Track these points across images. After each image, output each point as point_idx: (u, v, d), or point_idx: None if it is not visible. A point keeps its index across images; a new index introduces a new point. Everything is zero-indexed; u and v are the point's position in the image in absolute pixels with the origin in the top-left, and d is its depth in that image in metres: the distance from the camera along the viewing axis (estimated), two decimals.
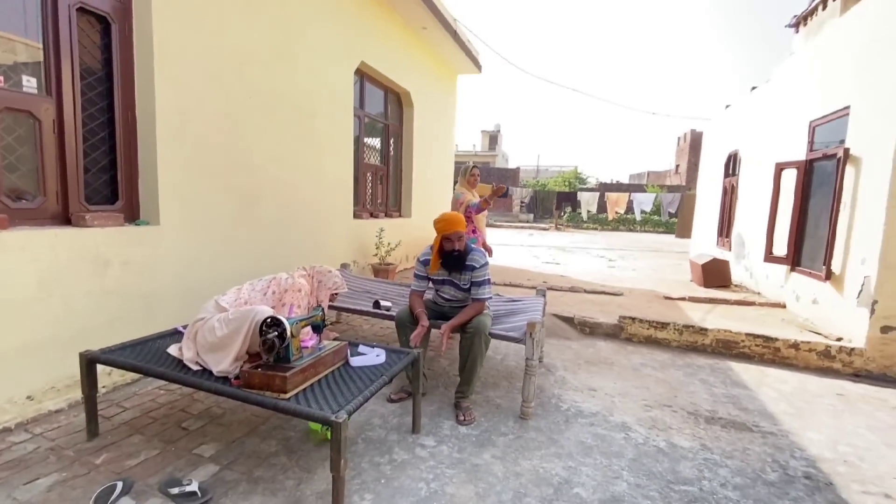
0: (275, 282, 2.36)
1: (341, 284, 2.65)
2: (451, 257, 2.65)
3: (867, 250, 3.67)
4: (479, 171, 4.25)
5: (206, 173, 3.22)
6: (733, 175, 7.38)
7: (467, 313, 2.59)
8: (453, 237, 2.62)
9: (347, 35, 4.89)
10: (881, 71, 3.69)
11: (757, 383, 3.32)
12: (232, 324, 2.02)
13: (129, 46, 2.81)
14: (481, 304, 2.65)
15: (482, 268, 2.66)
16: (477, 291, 2.65)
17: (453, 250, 2.63)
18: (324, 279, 2.62)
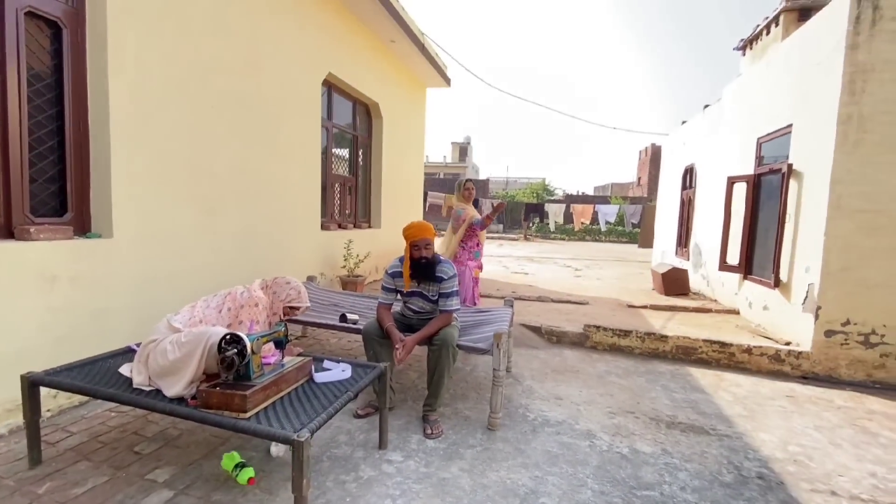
0: (230, 297, 2.25)
1: (298, 297, 2.45)
2: (420, 265, 2.65)
3: (810, 259, 3.91)
4: (472, 185, 4.31)
5: (164, 184, 3.11)
6: (690, 188, 7.73)
7: (434, 325, 2.59)
8: (421, 244, 2.62)
9: (315, 46, 4.86)
10: (817, 92, 3.98)
11: (714, 388, 3.46)
12: (185, 347, 1.91)
13: (81, 52, 2.70)
14: (448, 315, 2.65)
15: (450, 279, 2.66)
16: (444, 303, 2.65)
17: (421, 257, 2.63)
18: (279, 290, 2.44)
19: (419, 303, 2.77)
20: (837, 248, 3.70)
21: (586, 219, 14.51)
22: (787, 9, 5.55)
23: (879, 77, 3.56)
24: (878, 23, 3.55)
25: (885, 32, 3.53)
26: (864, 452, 2.57)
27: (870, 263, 3.65)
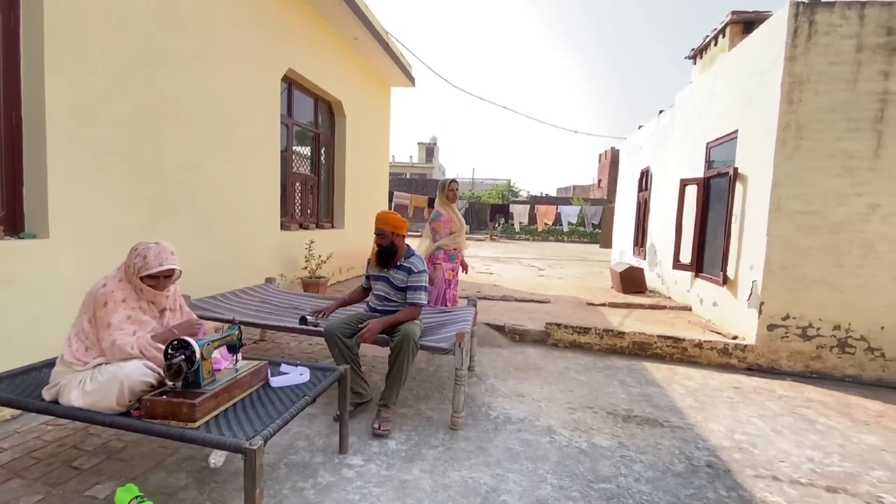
0: (88, 300, 1.85)
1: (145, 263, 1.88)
2: (380, 251, 2.78)
3: (754, 257, 4.15)
4: (457, 186, 4.15)
5: (108, 182, 2.93)
6: (646, 190, 8.04)
7: (400, 316, 2.68)
8: (376, 232, 2.76)
9: (273, 40, 4.72)
10: (759, 101, 4.22)
11: (667, 381, 3.60)
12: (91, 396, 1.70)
13: (14, 40, 2.51)
14: (416, 308, 2.74)
15: (420, 273, 2.76)
16: (413, 296, 2.74)
17: (380, 245, 2.77)
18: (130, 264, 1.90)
19: (384, 288, 2.84)
20: (778, 247, 3.94)
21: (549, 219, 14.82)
22: (732, 21, 5.87)
23: (814, 87, 3.81)
24: (814, 37, 3.80)
25: (820, 46, 3.80)
26: (802, 438, 2.74)
27: (807, 261, 3.91)
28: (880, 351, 3.85)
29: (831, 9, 3.78)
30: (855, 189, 3.82)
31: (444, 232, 3.94)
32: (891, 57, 3.72)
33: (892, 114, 3.74)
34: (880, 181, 3.78)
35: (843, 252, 3.86)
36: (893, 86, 3.72)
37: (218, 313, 3.03)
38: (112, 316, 1.79)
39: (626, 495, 2.05)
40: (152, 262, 1.91)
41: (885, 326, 3.83)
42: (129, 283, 1.91)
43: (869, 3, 3.75)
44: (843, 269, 3.86)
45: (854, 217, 3.83)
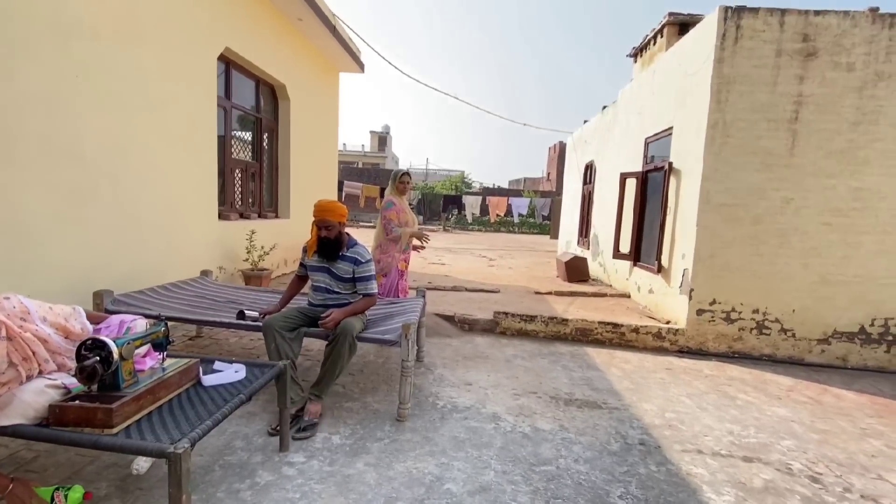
0: None
1: None
2: (321, 244, 2.70)
3: (686, 247, 4.42)
4: (409, 179, 4.04)
5: (12, 166, 2.62)
6: (590, 183, 8.34)
7: (359, 306, 2.69)
8: (321, 224, 2.66)
9: (208, 16, 4.41)
10: (692, 99, 4.48)
11: (607, 365, 3.78)
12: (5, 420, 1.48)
13: None
14: (372, 299, 2.76)
15: (367, 263, 2.74)
16: (365, 287, 2.74)
17: (326, 237, 2.67)
18: None
19: (326, 279, 2.76)
20: (706, 238, 4.23)
21: (501, 211, 15.07)
22: (669, 22, 6.18)
23: (739, 89, 4.09)
24: (740, 40, 4.07)
25: (745, 49, 4.07)
26: (724, 414, 2.97)
27: (731, 250, 4.22)
28: (792, 332, 4.24)
29: (755, 14, 4.06)
30: (773, 184, 4.15)
31: (396, 222, 3.87)
32: (805, 62, 4.05)
33: (806, 115, 4.08)
34: (794, 177, 4.13)
35: (761, 242, 4.20)
36: (807, 89, 4.06)
37: (146, 309, 2.82)
38: None
39: (565, 476, 2.13)
40: None
41: (796, 309, 4.22)
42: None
43: (788, 10, 4.05)
44: (761, 258, 4.20)
45: (771, 210, 4.17)
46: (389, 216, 3.84)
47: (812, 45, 4.03)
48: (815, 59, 4.04)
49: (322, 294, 2.78)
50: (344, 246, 2.72)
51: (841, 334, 4.20)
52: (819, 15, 4.02)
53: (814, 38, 4.03)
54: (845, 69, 4.02)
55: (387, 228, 3.83)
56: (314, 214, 2.67)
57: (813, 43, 4.03)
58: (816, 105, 4.07)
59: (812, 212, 4.14)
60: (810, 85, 4.06)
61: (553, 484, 2.06)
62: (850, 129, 4.06)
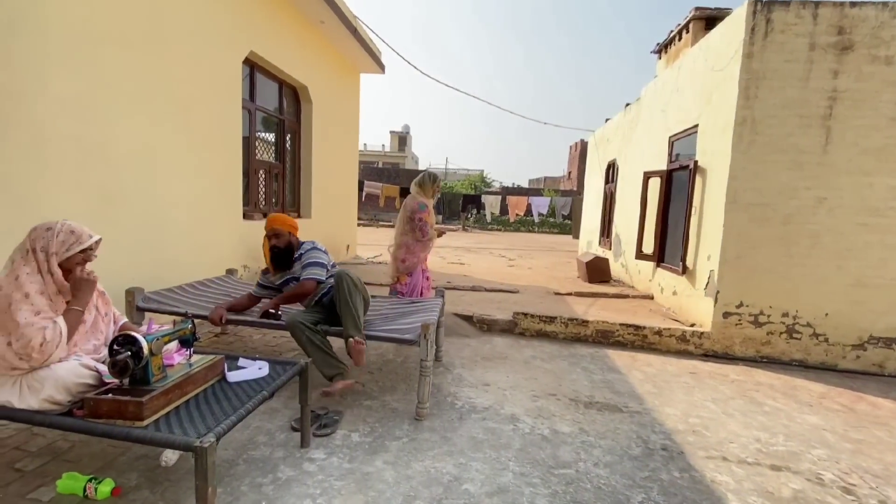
0: None
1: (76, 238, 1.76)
2: (273, 254, 2.85)
3: (712, 248, 4.31)
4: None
5: (47, 167, 2.74)
6: (612, 182, 8.21)
7: (292, 293, 2.75)
8: (271, 234, 2.83)
9: (234, 21, 4.51)
10: (719, 96, 4.35)
11: (628, 367, 3.71)
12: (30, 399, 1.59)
13: None
14: (306, 285, 2.74)
15: (308, 252, 2.86)
16: (302, 272, 2.79)
17: (273, 247, 2.83)
18: (45, 247, 1.71)
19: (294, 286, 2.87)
20: (733, 238, 4.11)
21: (521, 210, 14.96)
22: (695, 17, 6.02)
23: (769, 84, 3.96)
24: (770, 34, 3.93)
25: (775, 44, 3.93)
26: (751, 420, 2.88)
27: (759, 252, 4.09)
28: (824, 336, 4.09)
29: (787, 7, 3.92)
30: (804, 183, 4.00)
31: (431, 222, 3.85)
32: (840, 56, 3.89)
33: (841, 111, 3.92)
34: (827, 175, 3.98)
35: (792, 243, 4.05)
36: (842, 84, 3.90)
37: (173, 307, 2.91)
38: (17, 315, 1.61)
39: (584, 480, 2.11)
40: (82, 235, 1.80)
41: (829, 313, 4.06)
42: (34, 273, 1.69)
43: (822, 2, 3.90)
44: (791, 259, 4.06)
45: (803, 209, 4.02)
46: (425, 218, 3.80)
47: (848, 39, 3.87)
48: (851, 52, 3.87)
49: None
50: (295, 251, 2.89)
51: (878, 340, 4.02)
52: (855, 7, 3.86)
53: (849, 31, 3.86)
54: (884, 63, 3.85)
55: (423, 230, 3.78)
56: (265, 228, 2.86)
57: (849, 36, 3.87)
58: (852, 101, 3.90)
59: (847, 211, 3.98)
60: (846, 80, 3.89)
61: (572, 487, 2.04)
62: (890, 125, 3.88)
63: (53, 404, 1.60)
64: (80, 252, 1.80)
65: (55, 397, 1.60)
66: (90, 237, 1.83)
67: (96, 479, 1.75)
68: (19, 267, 1.70)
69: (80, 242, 1.79)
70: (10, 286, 1.66)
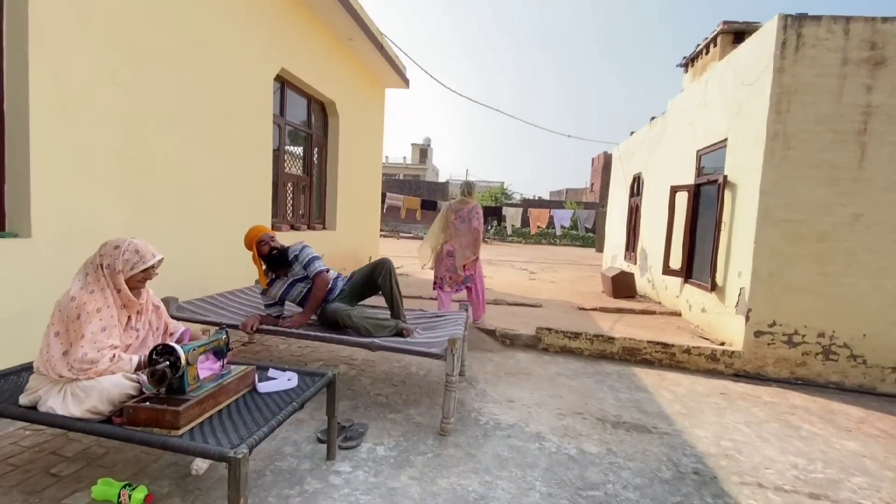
0: (57, 314, 1.77)
1: (140, 257, 1.85)
2: (273, 258, 2.94)
3: (742, 265, 4.20)
4: None
5: (92, 179, 2.87)
6: (637, 195, 8.10)
7: (315, 296, 2.93)
8: (266, 238, 2.93)
9: (266, 40, 4.68)
10: (749, 110, 4.28)
11: (656, 387, 3.62)
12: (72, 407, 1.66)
13: None
14: (320, 278, 2.95)
15: (302, 251, 3.01)
16: (310, 269, 2.96)
17: (272, 249, 2.93)
18: (112, 264, 1.81)
19: (301, 287, 3.01)
20: (765, 255, 3.99)
21: (542, 223, 14.87)
22: (723, 31, 5.96)
23: (801, 99, 3.87)
24: (801, 49, 3.87)
25: (807, 58, 3.86)
26: (787, 445, 2.77)
27: (793, 269, 3.96)
28: (862, 358, 3.92)
29: (818, 22, 3.85)
30: (839, 199, 3.88)
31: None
32: (874, 71, 3.80)
33: (876, 126, 3.81)
34: (864, 192, 3.85)
35: (827, 261, 3.92)
36: (876, 99, 3.80)
37: (205, 316, 2.99)
38: (85, 327, 1.71)
39: (613, 502, 2.05)
40: (146, 254, 1.89)
41: (867, 334, 3.89)
42: (103, 288, 1.80)
43: (853, 18, 3.82)
44: (827, 278, 3.92)
45: (838, 226, 3.89)
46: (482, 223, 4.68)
47: (881, 54, 3.77)
48: (885, 67, 3.77)
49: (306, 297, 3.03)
50: (287, 252, 3.00)
51: None
52: (887, 22, 3.77)
53: (882, 46, 3.77)
54: None
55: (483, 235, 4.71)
56: (252, 239, 2.92)
57: (881, 51, 3.77)
58: (887, 116, 3.79)
59: (885, 229, 3.83)
60: (880, 95, 3.79)
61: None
62: None
63: (95, 414, 1.66)
64: (143, 270, 1.89)
65: (98, 408, 1.66)
66: (153, 256, 1.92)
67: (130, 485, 1.79)
68: (91, 281, 1.81)
69: (144, 261, 1.88)
70: (82, 297, 1.75)
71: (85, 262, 1.86)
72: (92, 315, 1.74)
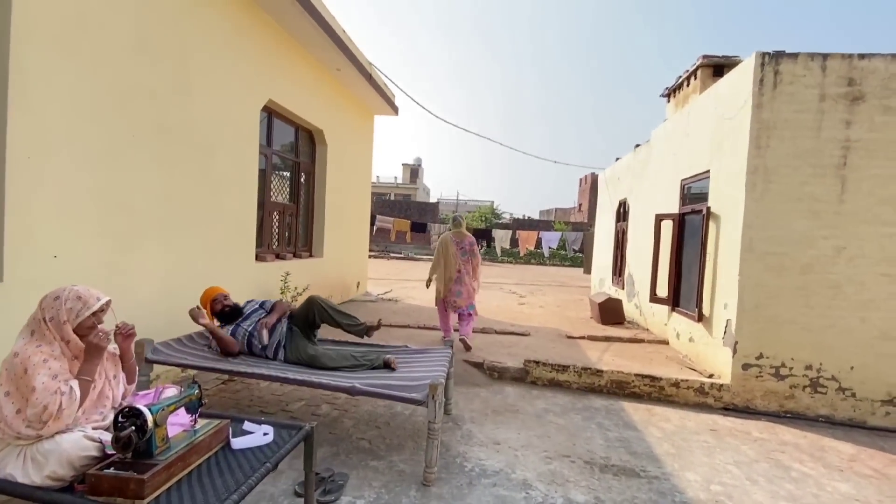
0: (4, 374, 1.66)
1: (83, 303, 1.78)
2: (226, 313, 3.24)
3: (728, 296, 4.21)
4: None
5: (70, 220, 2.81)
6: (624, 221, 8.18)
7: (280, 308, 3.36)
8: (220, 298, 3.29)
9: (254, 73, 4.70)
10: (729, 144, 4.36)
11: (645, 423, 3.57)
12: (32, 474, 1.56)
13: None
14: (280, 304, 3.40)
15: (264, 302, 3.45)
16: (266, 304, 3.44)
17: (225, 307, 3.26)
18: (55, 316, 1.73)
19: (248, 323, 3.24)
20: (750, 287, 4.01)
21: (531, 245, 14.93)
22: (703, 64, 6.12)
23: (781, 134, 3.96)
24: (779, 85, 3.97)
25: (785, 94, 3.96)
26: (777, 488, 2.72)
27: (778, 302, 3.98)
28: (850, 391, 3.91)
29: (795, 59, 3.96)
30: (822, 232, 3.93)
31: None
32: (852, 106, 3.90)
33: (855, 161, 3.89)
34: (845, 225, 3.91)
35: (812, 293, 3.95)
36: (855, 134, 3.89)
37: (181, 359, 2.90)
38: (34, 379, 1.62)
39: None
40: (90, 299, 1.82)
41: (855, 366, 3.90)
42: (50, 342, 1.72)
43: (830, 55, 3.94)
44: (813, 310, 3.94)
45: (822, 259, 3.93)
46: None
47: (858, 90, 3.88)
48: (863, 103, 3.88)
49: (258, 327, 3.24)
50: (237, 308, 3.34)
51: None
52: (864, 59, 3.89)
53: (860, 82, 3.88)
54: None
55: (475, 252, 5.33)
56: (207, 298, 3.29)
57: (859, 87, 3.88)
58: (866, 150, 3.88)
59: (868, 262, 3.88)
60: (858, 130, 3.88)
61: None
62: None
63: (56, 480, 1.57)
64: (91, 315, 1.81)
65: (58, 472, 1.57)
66: (98, 300, 1.84)
67: None
68: (36, 337, 1.72)
69: (88, 307, 1.80)
70: (26, 352, 1.67)
71: (28, 319, 1.78)
72: (39, 367, 1.65)
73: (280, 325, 3.26)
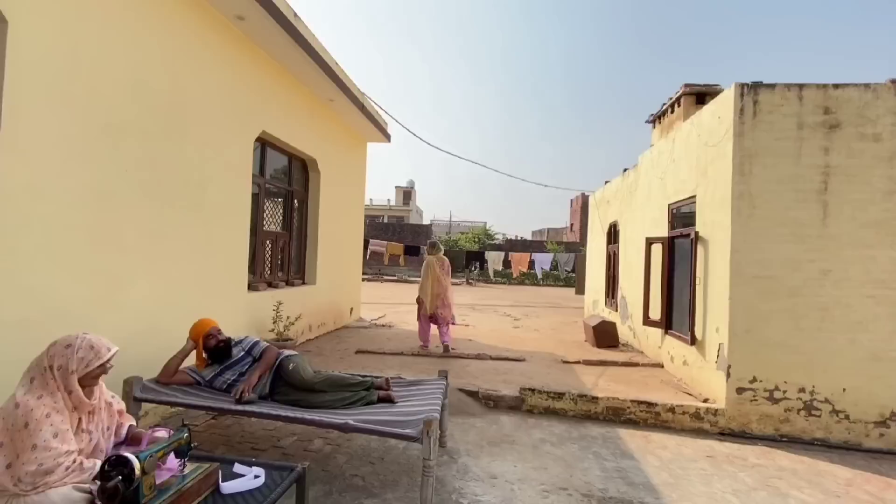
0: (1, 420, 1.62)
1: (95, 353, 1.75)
2: (219, 350, 3.07)
3: (719, 320, 4.24)
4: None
5: (59, 259, 2.80)
6: (615, 243, 8.27)
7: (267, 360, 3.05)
8: (214, 332, 3.10)
9: (247, 105, 4.77)
10: (714, 170, 4.47)
11: (642, 451, 3.54)
12: None
13: None
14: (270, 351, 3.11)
15: (254, 346, 3.17)
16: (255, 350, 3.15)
17: (219, 342, 3.08)
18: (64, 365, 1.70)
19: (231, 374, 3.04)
20: (741, 311, 4.05)
21: (524, 267, 15.01)
22: (686, 93, 6.33)
23: (763, 161, 4.07)
24: (759, 114, 4.10)
25: (765, 123, 4.09)
26: None
27: (768, 325, 4.02)
28: (844, 413, 3.92)
29: (772, 90, 4.11)
30: (807, 255, 4.01)
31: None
32: (829, 133, 4.03)
33: (836, 186, 4.00)
34: (830, 248, 3.99)
35: (801, 316, 3.99)
36: (834, 160, 4.01)
37: (171, 397, 2.85)
38: (35, 436, 1.59)
39: None
40: (101, 349, 1.80)
41: (847, 388, 3.92)
42: (53, 392, 1.68)
43: (806, 85, 4.09)
44: (803, 333, 3.98)
45: (809, 282, 4.00)
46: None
47: (835, 118, 4.02)
48: (840, 130, 4.02)
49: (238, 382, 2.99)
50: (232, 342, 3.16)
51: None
52: (839, 88, 4.04)
53: (835, 111, 4.03)
54: (872, 140, 3.97)
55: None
56: (201, 331, 3.08)
57: (835, 115, 4.02)
58: (846, 175, 4.00)
59: (854, 284, 3.95)
60: (836, 156, 4.01)
61: None
62: (885, 199, 3.95)
63: None
64: (99, 366, 1.80)
65: None
66: (108, 350, 1.82)
67: None
68: (38, 385, 1.69)
69: (100, 357, 1.79)
70: (28, 403, 1.64)
71: (30, 366, 1.75)
72: (41, 422, 1.63)
73: (265, 378, 3.02)
